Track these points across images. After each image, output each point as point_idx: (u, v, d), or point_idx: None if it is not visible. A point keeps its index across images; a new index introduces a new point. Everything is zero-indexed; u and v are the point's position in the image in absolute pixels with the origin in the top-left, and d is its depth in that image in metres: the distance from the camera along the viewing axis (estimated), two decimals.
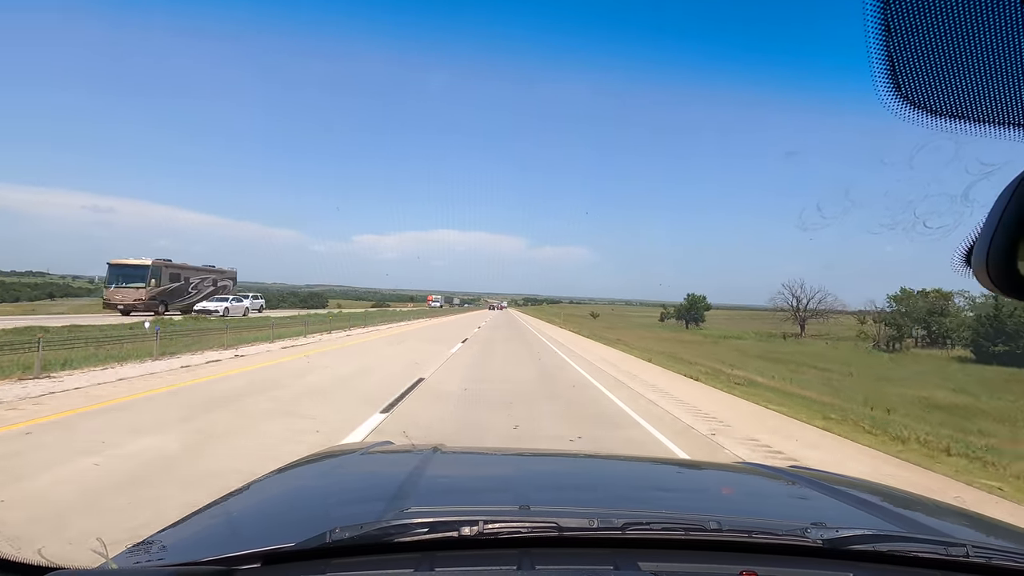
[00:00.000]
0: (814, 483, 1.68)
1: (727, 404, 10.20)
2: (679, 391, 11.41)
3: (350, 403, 8.00)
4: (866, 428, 8.29)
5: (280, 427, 6.30)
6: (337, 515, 1.16)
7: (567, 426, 7.25)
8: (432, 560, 0.95)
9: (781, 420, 8.87)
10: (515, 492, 1.48)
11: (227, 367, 11.34)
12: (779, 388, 13.74)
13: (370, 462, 1.80)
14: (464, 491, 1.54)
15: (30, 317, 24.41)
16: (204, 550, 0.96)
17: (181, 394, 8.13)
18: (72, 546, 2.83)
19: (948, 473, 6.06)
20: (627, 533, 1.00)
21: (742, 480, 1.90)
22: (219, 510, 1.28)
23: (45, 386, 8.17)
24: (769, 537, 1.03)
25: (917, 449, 7.13)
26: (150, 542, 1.03)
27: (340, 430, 6.28)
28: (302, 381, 9.92)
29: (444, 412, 7.64)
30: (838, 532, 1.03)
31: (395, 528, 0.97)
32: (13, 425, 5.81)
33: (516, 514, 1.07)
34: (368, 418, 6.99)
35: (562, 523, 1.00)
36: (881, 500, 1.53)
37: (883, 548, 1.02)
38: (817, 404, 10.96)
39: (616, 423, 7.82)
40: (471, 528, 0.96)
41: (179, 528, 1.16)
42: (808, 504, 1.52)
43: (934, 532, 1.23)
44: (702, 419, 8.36)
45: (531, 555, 0.97)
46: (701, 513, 1.16)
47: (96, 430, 5.72)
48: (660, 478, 1.95)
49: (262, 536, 1.01)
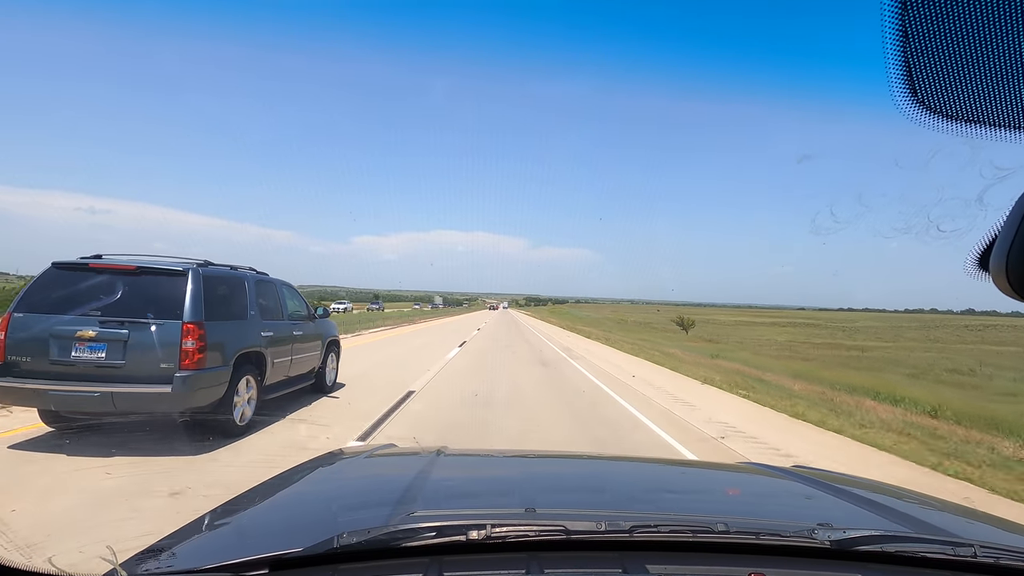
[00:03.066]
0: (819, 483, 1.68)
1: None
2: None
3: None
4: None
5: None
6: (344, 520, 1.17)
7: None
8: (440, 564, 0.95)
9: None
10: (521, 495, 1.48)
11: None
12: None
13: (374, 465, 1.80)
14: (470, 494, 1.54)
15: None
16: (211, 556, 0.96)
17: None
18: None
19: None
20: (635, 536, 1.00)
21: (748, 481, 1.90)
22: (225, 515, 1.28)
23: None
24: (777, 538, 1.03)
25: None
26: (158, 549, 1.04)
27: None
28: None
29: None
30: (845, 533, 1.03)
31: (403, 533, 0.97)
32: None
33: (523, 517, 1.08)
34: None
35: (570, 526, 1.00)
36: (886, 500, 1.54)
37: (891, 548, 1.02)
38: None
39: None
40: (479, 532, 0.96)
41: (186, 534, 1.16)
42: (814, 504, 1.53)
43: (941, 532, 1.24)
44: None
45: (539, 559, 0.97)
46: (708, 515, 1.16)
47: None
48: (666, 480, 1.96)
49: (269, 542, 1.02)
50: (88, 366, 4.68)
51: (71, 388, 4.61)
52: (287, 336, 6.77)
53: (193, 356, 4.78)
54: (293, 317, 7.14)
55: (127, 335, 4.71)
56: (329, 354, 8.32)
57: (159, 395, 4.67)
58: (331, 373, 8.46)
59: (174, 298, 4.90)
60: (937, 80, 0.61)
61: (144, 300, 4.90)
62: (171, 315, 4.83)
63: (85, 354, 4.68)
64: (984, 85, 0.61)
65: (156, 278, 5.03)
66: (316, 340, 7.78)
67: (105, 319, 4.75)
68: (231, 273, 5.91)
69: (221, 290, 5.50)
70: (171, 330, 4.79)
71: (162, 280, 5.02)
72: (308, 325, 7.54)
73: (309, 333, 7.51)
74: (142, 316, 4.79)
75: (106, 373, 4.69)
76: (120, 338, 4.71)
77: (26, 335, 4.73)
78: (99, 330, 4.70)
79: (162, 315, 4.83)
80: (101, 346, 4.70)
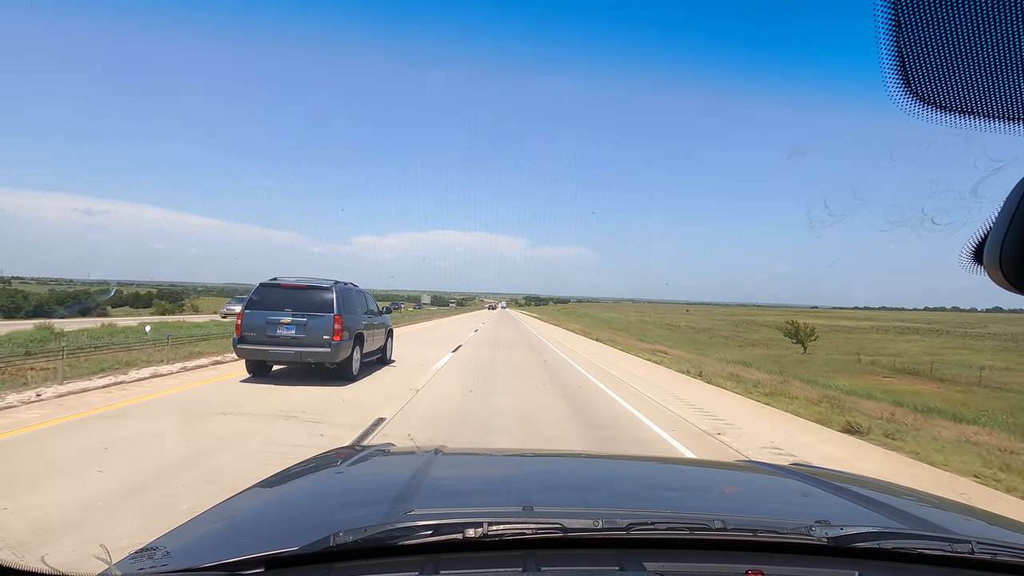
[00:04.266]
0: (816, 481, 1.68)
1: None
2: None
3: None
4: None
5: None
6: (340, 518, 1.16)
7: None
8: (437, 562, 0.95)
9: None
10: (518, 493, 1.48)
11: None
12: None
13: (371, 465, 1.79)
14: (467, 493, 1.53)
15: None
16: (206, 555, 0.96)
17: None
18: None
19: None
20: (632, 533, 1.00)
21: (745, 478, 1.88)
22: (221, 514, 1.27)
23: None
24: (774, 536, 1.03)
25: None
26: (153, 548, 1.03)
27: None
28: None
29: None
30: (843, 530, 1.03)
31: (399, 531, 0.97)
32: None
33: (520, 515, 1.08)
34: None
35: (567, 524, 1.00)
36: (884, 497, 1.53)
37: (888, 545, 1.02)
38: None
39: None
40: (475, 530, 0.96)
41: (181, 533, 1.15)
42: (811, 502, 1.52)
43: (938, 529, 1.22)
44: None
45: (536, 556, 0.98)
46: (706, 512, 1.15)
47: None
48: (664, 477, 1.95)
49: (264, 541, 1.02)
50: (285, 338, 8.84)
51: (278, 349, 8.83)
52: (371, 324, 10.86)
53: (339, 333, 8.88)
54: (372, 313, 11.23)
55: (305, 321, 8.84)
56: (388, 339, 12.42)
57: (322, 353, 8.82)
58: (389, 351, 12.57)
59: (327, 302, 9.02)
60: (931, 71, 0.61)
61: (311, 303, 9.00)
62: (327, 311, 8.94)
63: (283, 332, 8.82)
64: (978, 76, 0.60)
65: (316, 291, 9.14)
66: (382, 328, 11.93)
67: (293, 313, 8.84)
68: (348, 287, 10.03)
69: (345, 297, 9.59)
70: (327, 319, 8.90)
71: (320, 292, 9.16)
72: (379, 318, 11.68)
73: (379, 323, 11.65)
74: (312, 312, 8.89)
75: (295, 341, 8.84)
76: (302, 323, 8.84)
77: (251, 322, 8.88)
78: (290, 318, 8.85)
79: (322, 311, 8.91)
80: (291, 327, 8.85)
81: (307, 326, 8.85)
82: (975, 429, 8.53)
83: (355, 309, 9.94)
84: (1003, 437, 7.71)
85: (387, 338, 12.33)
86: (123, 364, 9.95)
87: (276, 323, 8.85)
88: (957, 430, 8.27)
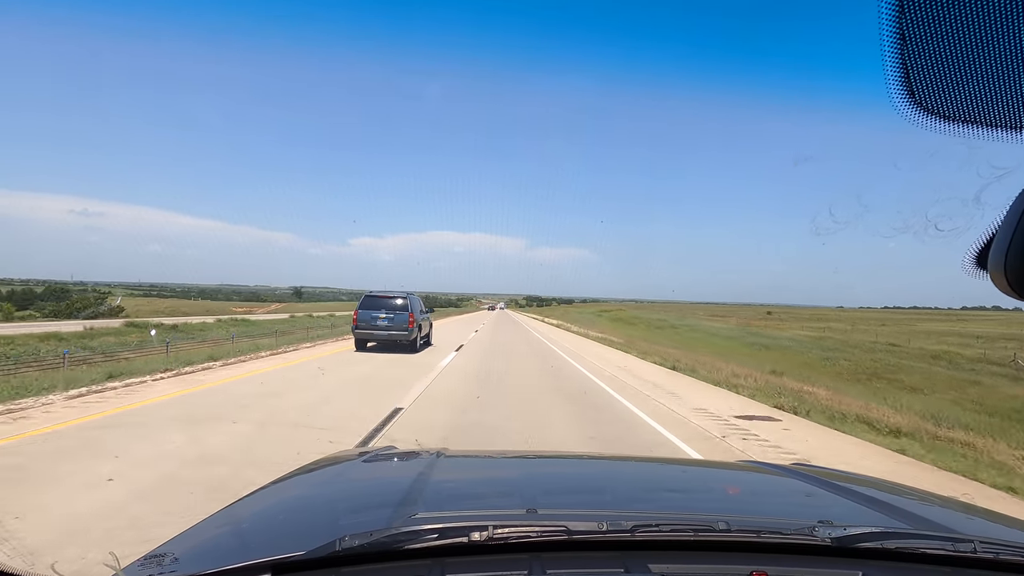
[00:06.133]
0: (819, 481, 1.68)
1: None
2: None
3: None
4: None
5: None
6: (345, 523, 1.16)
7: None
8: (443, 566, 0.96)
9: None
10: (522, 496, 1.48)
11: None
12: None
13: (374, 468, 1.80)
14: (471, 495, 1.54)
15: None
16: (213, 560, 0.97)
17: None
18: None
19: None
20: (636, 535, 1.00)
21: (748, 479, 1.88)
22: (228, 518, 1.29)
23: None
24: (778, 536, 1.03)
25: None
26: (160, 554, 1.04)
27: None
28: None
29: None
30: (846, 530, 1.03)
31: (404, 535, 0.97)
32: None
33: (525, 518, 1.08)
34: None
35: (571, 526, 1.00)
36: (886, 496, 1.53)
37: (891, 545, 1.02)
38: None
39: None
40: (480, 533, 0.97)
41: (188, 538, 1.17)
42: (814, 502, 1.53)
43: (941, 528, 1.22)
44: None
45: (541, 559, 0.98)
46: (709, 513, 1.16)
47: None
48: (667, 478, 1.95)
49: (270, 545, 1.02)
50: (383, 327, 15.69)
51: (380, 333, 15.73)
52: (424, 318, 17.51)
53: (412, 323, 15.70)
54: (424, 312, 17.87)
55: (393, 317, 15.66)
56: (430, 328, 19.11)
57: (403, 335, 15.70)
58: (432, 338, 19.30)
59: (404, 304, 15.83)
60: (934, 82, 0.62)
61: (395, 305, 15.83)
62: (405, 310, 15.74)
63: (381, 323, 15.67)
64: (981, 86, 0.61)
65: (397, 298, 15.93)
66: (427, 321, 18.63)
67: (385, 311, 15.67)
68: (412, 295, 16.65)
69: (413, 301, 16.27)
70: (405, 315, 15.72)
71: (400, 299, 15.93)
72: (427, 315, 18.41)
73: (426, 318, 18.36)
74: (396, 311, 15.73)
75: (389, 329, 15.68)
76: (390, 317, 15.69)
77: (362, 318, 15.79)
78: (385, 315, 15.67)
79: (402, 311, 15.71)
80: (386, 321, 15.71)
81: (394, 320, 15.56)
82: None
83: (417, 309, 16.58)
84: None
85: (430, 328, 19.12)
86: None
87: (376, 317, 15.59)
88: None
